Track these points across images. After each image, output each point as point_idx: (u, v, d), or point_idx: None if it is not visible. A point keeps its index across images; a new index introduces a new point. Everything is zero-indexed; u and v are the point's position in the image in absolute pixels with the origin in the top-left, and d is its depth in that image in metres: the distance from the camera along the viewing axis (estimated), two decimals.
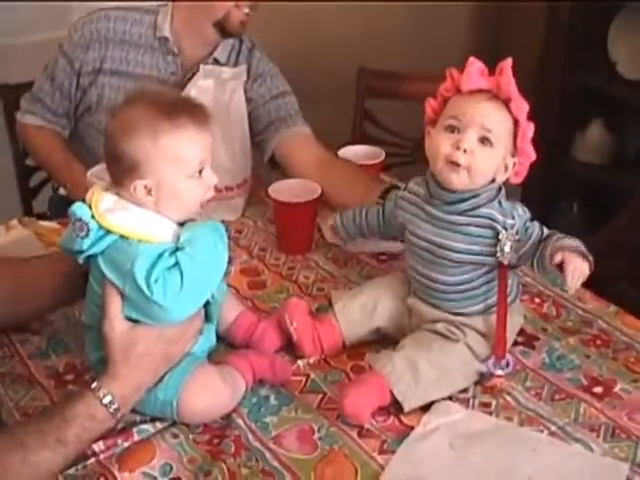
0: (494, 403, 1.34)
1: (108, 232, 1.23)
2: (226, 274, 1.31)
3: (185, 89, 1.87)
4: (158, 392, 1.25)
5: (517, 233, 1.34)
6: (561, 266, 1.29)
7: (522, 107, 1.34)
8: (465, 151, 1.31)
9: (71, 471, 1.18)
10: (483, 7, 3.50)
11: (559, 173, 3.26)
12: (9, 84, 2.34)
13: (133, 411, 1.27)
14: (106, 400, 1.18)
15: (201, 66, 1.89)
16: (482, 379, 1.38)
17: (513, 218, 1.34)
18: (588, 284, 1.66)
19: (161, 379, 1.25)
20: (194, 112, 1.26)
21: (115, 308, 1.24)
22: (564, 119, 3.20)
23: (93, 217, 1.22)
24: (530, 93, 3.15)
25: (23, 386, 1.37)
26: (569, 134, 3.29)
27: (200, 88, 1.84)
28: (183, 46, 1.97)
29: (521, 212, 1.36)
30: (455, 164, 1.32)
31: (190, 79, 1.91)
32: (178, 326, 1.25)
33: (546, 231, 1.37)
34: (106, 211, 1.23)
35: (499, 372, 1.37)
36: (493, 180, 1.35)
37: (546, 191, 3.27)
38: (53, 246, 1.69)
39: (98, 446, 1.21)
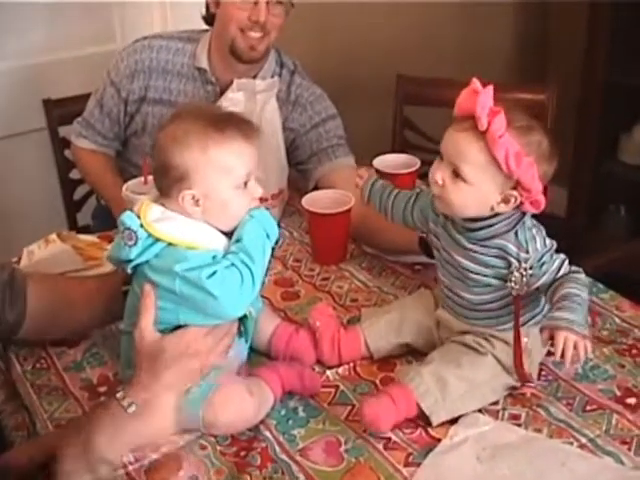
0: (524, 415, 1.33)
1: (156, 240, 1.26)
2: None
3: (217, 102, 1.88)
4: (185, 405, 1.26)
5: (531, 268, 1.30)
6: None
7: (502, 142, 1.21)
8: (437, 182, 1.29)
9: None
10: (527, 4, 3.45)
11: (605, 176, 3.21)
12: (52, 99, 2.39)
13: None
14: (129, 409, 1.21)
15: (235, 80, 1.90)
16: (512, 390, 1.37)
17: (527, 252, 1.30)
18: (627, 292, 1.65)
19: (188, 391, 1.27)
20: (242, 125, 1.29)
21: (147, 319, 1.27)
22: (609, 120, 3.15)
23: (141, 226, 1.26)
24: (575, 94, 3.13)
25: (57, 398, 1.40)
26: (614, 136, 3.24)
27: (231, 100, 1.86)
28: (220, 75, 1.99)
29: (539, 246, 1.31)
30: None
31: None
32: (206, 341, 1.27)
33: (562, 270, 1.32)
34: (154, 221, 1.27)
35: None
36: (494, 210, 1.30)
37: (593, 194, 3.23)
38: (92, 260, 1.72)
39: (127, 458, 1.23)
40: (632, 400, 1.35)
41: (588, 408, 1.34)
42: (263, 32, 1.87)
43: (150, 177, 1.38)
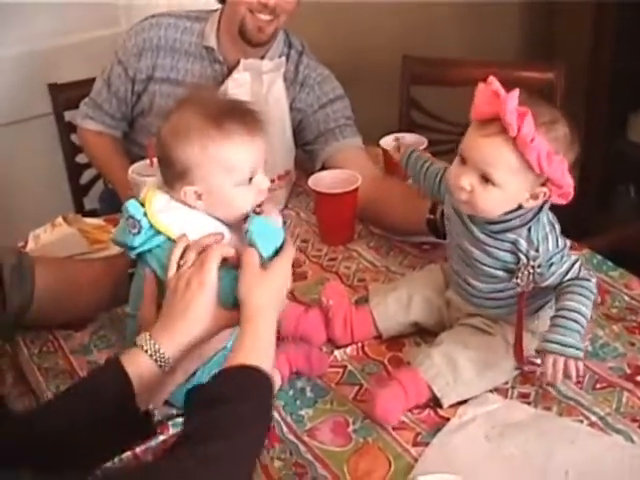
0: (533, 393, 1.32)
1: (159, 232, 1.26)
2: None
3: (223, 83, 1.87)
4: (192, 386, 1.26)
5: (539, 266, 1.28)
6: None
7: (533, 145, 1.19)
8: (464, 188, 1.26)
9: (108, 465, 1.19)
10: (532, 4, 3.42)
11: (614, 156, 3.19)
12: (58, 83, 2.39)
13: (169, 404, 1.29)
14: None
15: (241, 60, 1.89)
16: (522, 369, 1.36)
17: (537, 251, 1.28)
18: (637, 270, 1.64)
19: (194, 374, 1.26)
20: (244, 119, 1.26)
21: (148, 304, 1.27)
22: (617, 101, 3.12)
23: (145, 215, 1.25)
24: (582, 76, 3.12)
25: (65, 381, 1.40)
26: (623, 116, 3.21)
27: (237, 81, 1.85)
28: (227, 55, 1.97)
29: (550, 247, 1.28)
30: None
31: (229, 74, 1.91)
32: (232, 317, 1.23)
33: (571, 274, 1.29)
34: (158, 211, 1.26)
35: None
36: (520, 206, 1.27)
37: (602, 175, 3.20)
38: (98, 243, 1.72)
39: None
40: None
41: (598, 386, 1.33)
42: (272, 15, 1.85)
43: (155, 159, 1.37)
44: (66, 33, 2.58)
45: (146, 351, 1.16)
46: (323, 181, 1.80)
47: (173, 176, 1.27)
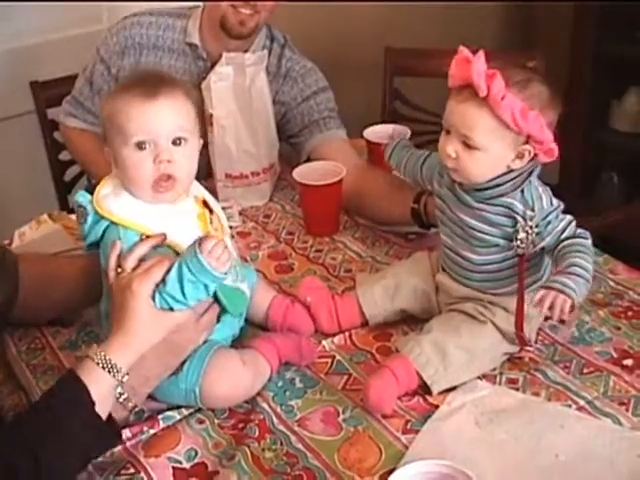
0: (521, 379, 1.33)
1: (101, 218, 1.26)
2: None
3: (207, 77, 1.87)
4: (180, 382, 1.26)
5: (537, 226, 1.30)
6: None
7: (505, 103, 1.21)
8: (450, 155, 1.29)
9: (99, 459, 1.20)
10: None
11: (597, 144, 3.21)
12: (40, 81, 2.37)
13: (158, 400, 1.29)
14: (115, 391, 1.18)
15: (224, 54, 1.89)
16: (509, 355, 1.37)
17: (533, 210, 1.30)
18: (621, 255, 1.65)
19: (181, 368, 1.26)
20: (146, 82, 1.27)
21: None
22: (599, 89, 3.14)
23: (91, 202, 1.26)
24: (564, 65, 3.13)
25: (53, 377, 1.39)
26: (605, 104, 3.23)
27: (220, 74, 1.84)
28: (211, 50, 1.97)
29: (545, 205, 1.30)
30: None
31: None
32: (182, 315, 1.23)
33: (567, 232, 1.30)
34: (103, 196, 1.27)
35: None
36: (510, 168, 1.29)
37: (585, 163, 3.22)
38: (82, 240, 1.71)
39: (124, 434, 1.23)
40: (629, 362, 1.35)
41: (585, 371, 1.34)
42: (254, 10, 1.86)
43: None
44: (48, 30, 2.56)
45: (97, 363, 1.16)
46: (308, 173, 1.80)
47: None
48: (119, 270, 1.23)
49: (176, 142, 1.26)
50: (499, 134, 1.25)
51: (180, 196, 1.30)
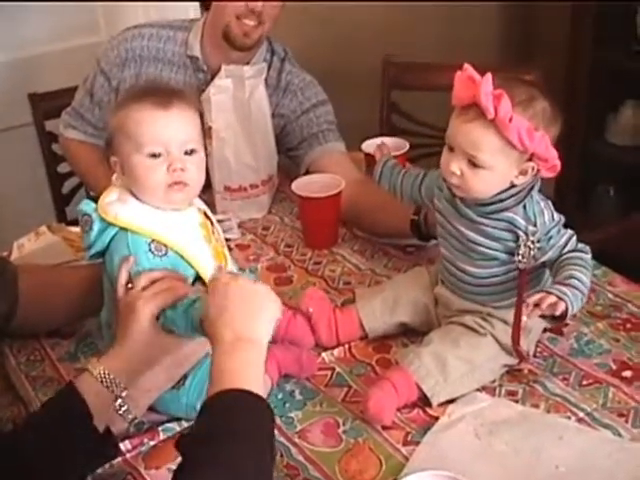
0: (520, 391, 1.33)
1: (110, 225, 1.26)
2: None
3: (206, 90, 1.88)
4: (181, 396, 1.26)
5: (538, 241, 1.30)
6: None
7: (512, 125, 1.22)
8: (455, 173, 1.29)
9: (99, 471, 1.19)
10: None
11: (593, 157, 3.21)
12: (38, 93, 2.38)
13: (159, 411, 1.29)
14: (115, 402, 1.19)
15: (223, 66, 1.89)
16: (509, 367, 1.37)
17: (535, 225, 1.31)
18: (618, 269, 1.66)
19: (183, 383, 1.26)
20: (158, 93, 1.28)
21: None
22: (596, 101, 3.15)
23: (96, 210, 1.26)
24: (561, 78, 3.13)
25: (52, 389, 1.39)
26: (602, 117, 3.24)
27: (218, 87, 1.85)
28: (211, 63, 1.98)
29: (546, 220, 1.31)
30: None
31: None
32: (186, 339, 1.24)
33: (569, 246, 1.32)
34: (108, 204, 1.27)
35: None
36: (514, 185, 1.30)
37: (582, 176, 3.22)
38: (83, 251, 1.71)
39: (125, 445, 1.23)
40: (628, 373, 1.35)
41: (584, 382, 1.34)
42: (258, 21, 1.87)
43: None
44: (46, 42, 2.57)
45: (96, 378, 1.16)
46: (306, 185, 1.81)
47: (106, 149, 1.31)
48: (129, 286, 1.24)
49: (187, 152, 1.28)
50: (505, 153, 1.26)
51: (188, 202, 1.32)
